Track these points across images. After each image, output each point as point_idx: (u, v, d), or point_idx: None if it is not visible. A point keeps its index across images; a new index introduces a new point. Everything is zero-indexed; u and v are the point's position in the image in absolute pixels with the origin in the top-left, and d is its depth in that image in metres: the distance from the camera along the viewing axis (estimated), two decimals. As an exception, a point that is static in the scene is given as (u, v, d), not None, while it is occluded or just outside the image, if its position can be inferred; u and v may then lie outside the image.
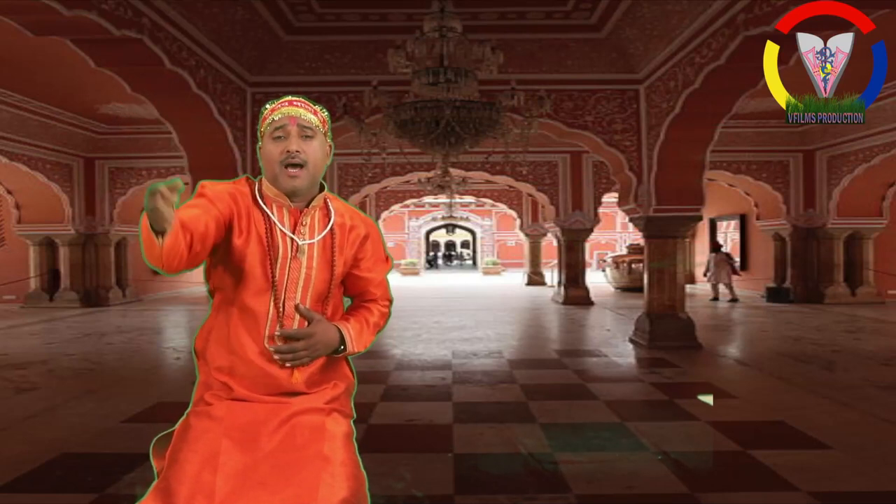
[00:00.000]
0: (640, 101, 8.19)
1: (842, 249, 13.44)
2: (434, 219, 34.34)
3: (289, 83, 8.02)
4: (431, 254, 41.94)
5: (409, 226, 34.59)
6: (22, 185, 12.69)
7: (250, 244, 1.68)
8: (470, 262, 42.11)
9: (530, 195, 17.35)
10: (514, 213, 21.81)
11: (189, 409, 1.76)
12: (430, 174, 14.08)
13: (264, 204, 1.72)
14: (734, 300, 14.06)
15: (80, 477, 3.63)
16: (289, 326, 1.70)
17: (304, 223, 1.73)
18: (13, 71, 9.00)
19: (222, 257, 1.71)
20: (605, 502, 3.28)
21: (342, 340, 1.73)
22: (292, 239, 1.71)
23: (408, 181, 16.03)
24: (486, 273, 30.04)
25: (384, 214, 21.68)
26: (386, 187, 17.65)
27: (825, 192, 13.30)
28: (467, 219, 34.81)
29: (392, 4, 7.31)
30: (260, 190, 1.75)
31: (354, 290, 1.86)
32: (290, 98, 1.77)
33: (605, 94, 8.20)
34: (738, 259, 15.81)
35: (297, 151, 1.69)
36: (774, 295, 13.96)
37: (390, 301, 1.93)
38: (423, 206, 30.69)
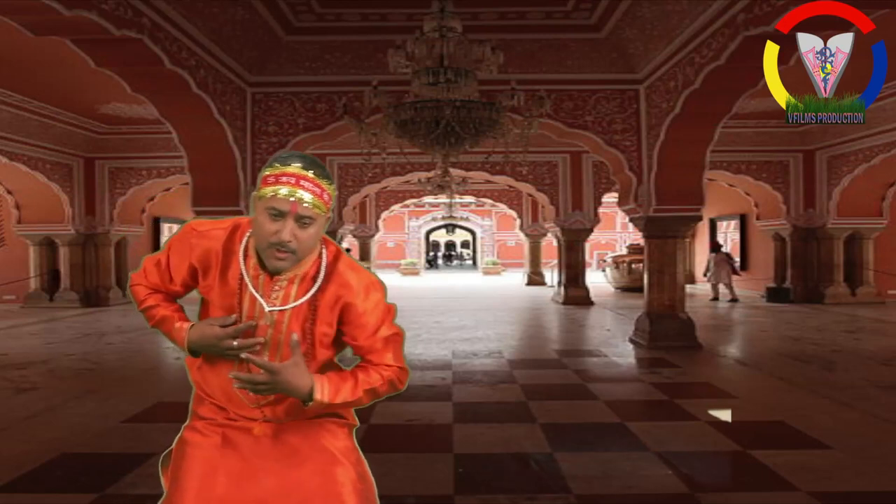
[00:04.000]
0: (640, 101, 8.19)
1: (842, 249, 13.43)
2: (434, 219, 34.32)
3: (289, 83, 8.04)
4: (431, 254, 41.94)
5: (409, 226, 34.59)
6: (22, 185, 12.68)
7: (223, 296, 1.65)
8: (470, 262, 42.10)
9: (530, 195, 17.34)
10: (514, 213, 21.81)
11: (188, 421, 1.78)
12: (430, 174, 14.08)
13: (244, 258, 1.64)
14: (734, 300, 14.05)
15: (80, 477, 3.63)
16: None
17: (278, 286, 1.63)
18: (13, 71, 8.99)
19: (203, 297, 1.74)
20: (605, 502, 3.28)
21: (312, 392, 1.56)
22: (261, 303, 1.64)
23: (408, 181, 16.03)
24: (486, 273, 30.04)
25: (384, 214, 21.69)
26: (386, 187, 17.64)
27: (825, 192, 13.30)
28: (467, 219, 34.80)
29: (392, 4, 7.31)
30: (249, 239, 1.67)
31: (357, 353, 1.72)
32: (299, 171, 1.57)
33: (605, 94, 8.20)
34: (738, 259, 15.81)
35: (289, 241, 1.55)
36: (774, 295, 13.96)
37: (401, 369, 1.70)
38: (423, 206, 30.68)
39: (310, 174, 1.57)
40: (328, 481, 1.65)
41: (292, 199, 1.54)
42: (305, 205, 1.55)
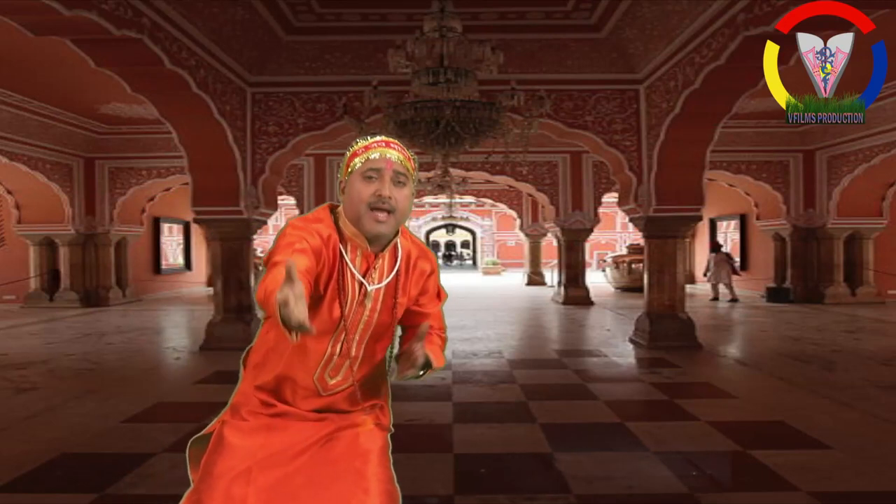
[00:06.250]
0: (640, 101, 8.19)
1: (842, 249, 13.43)
2: (434, 219, 34.32)
3: (289, 83, 8.04)
4: (431, 254, 41.87)
5: (409, 226, 34.23)
6: (22, 185, 12.68)
7: (327, 285, 1.64)
8: (470, 262, 42.06)
9: (530, 195, 17.34)
10: (514, 213, 21.79)
11: (225, 413, 1.75)
12: (430, 174, 14.08)
13: (341, 242, 1.66)
14: (734, 300, 14.05)
15: (80, 477, 3.63)
16: (341, 365, 1.70)
17: (375, 267, 1.69)
18: (13, 71, 8.99)
19: None
20: (605, 502, 3.28)
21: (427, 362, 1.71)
22: (361, 283, 1.67)
23: (408, 181, 16.03)
24: (486, 273, 30.02)
25: (384, 215, 21.63)
26: (386, 187, 17.56)
27: (825, 192, 13.30)
28: (467, 219, 34.80)
29: (392, 4, 7.31)
30: (337, 224, 1.69)
31: (411, 321, 1.81)
32: (385, 139, 1.71)
33: (605, 94, 8.20)
34: (738, 259, 15.81)
35: (389, 197, 1.62)
36: (774, 295, 13.95)
37: (445, 331, 1.93)
38: (423, 206, 30.69)
39: (394, 143, 1.70)
40: (360, 478, 1.66)
41: (386, 157, 1.65)
42: (398, 163, 1.65)
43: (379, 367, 1.81)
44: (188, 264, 18.86)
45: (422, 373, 1.66)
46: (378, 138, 1.71)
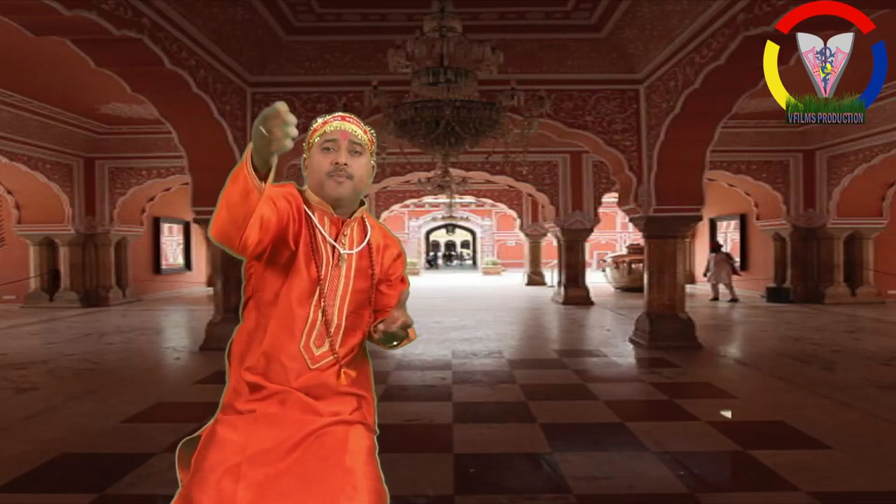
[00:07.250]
0: (640, 101, 8.19)
1: (842, 249, 13.43)
2: (434, 219, 34.31)
3: (289, 83, 8.03)
4: (431, 254, 41.94)
5: (409, 226, 34.58)
6: (22, 185, 12.68)
7: (300, 248, 1.72)
8: (470, 262, 42.08)
9: (530, 195, 17.33)
10: (514, 213, 21.79)
11: (217, 414, 1.76)
12: (430, 174, 14.08)
13: (308, 211, 1.76)
14: (734, 300, 14.05)
15: (80, 477, 3.63)
16: (324, 334, 1.75)
17: (344, 233, 1.79)
18: (13, 71, 8.99)
19: (270, 259, 1.72)
20: (605, 502, 3.28)
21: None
22: (334, 247, 1.76)
23: (408, 181, 16.02)
24: (486, 273, 30.02)
25: (384, 214, 21.64)
26: (386, 187, 17.61)
27: (825, 192, 13.30)
28: (467, 219, 34.79)
29: (392, 4, 7.31)
30: (303, 196, 1.79)
31: (376, 306, 1.88)
32: (342, 114, 1.82)
33: (605, 94, 8.20)
34: (738, 259, 15.81)
35: (346, 164, 1.74)
36: (774, 295, 13.96)
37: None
38: (423, 206, 30.66)
39: (350, 117, 1.81)
40: (349, 475, 1.67)
41: (342, 129, 1.76)
42: (353, 133, 1.77)
43: (361, 349, 1.87)
44: (188, 264, 18.87)
45: (395, 343, 1.77)
46: (334, 114, 1.81)
